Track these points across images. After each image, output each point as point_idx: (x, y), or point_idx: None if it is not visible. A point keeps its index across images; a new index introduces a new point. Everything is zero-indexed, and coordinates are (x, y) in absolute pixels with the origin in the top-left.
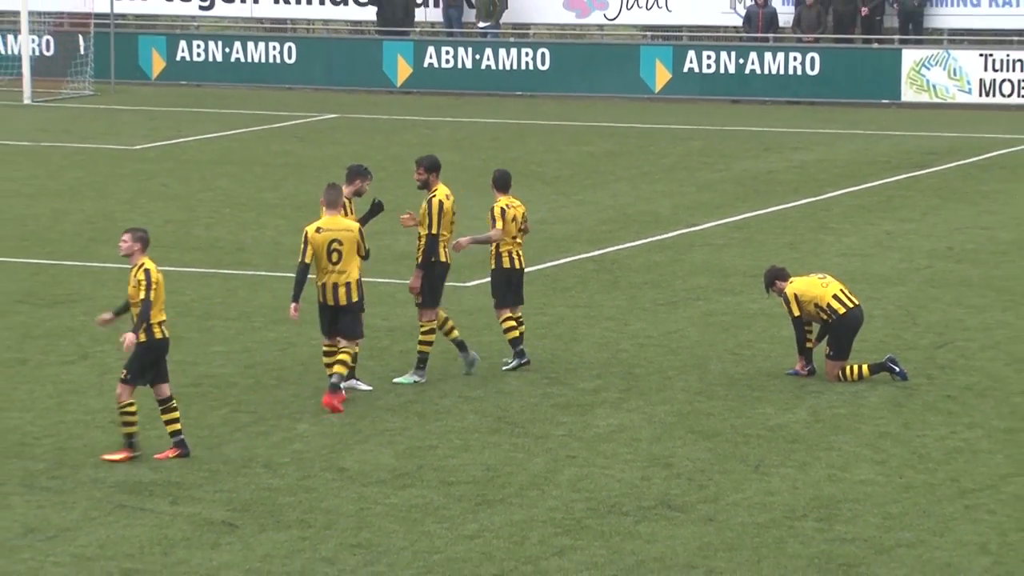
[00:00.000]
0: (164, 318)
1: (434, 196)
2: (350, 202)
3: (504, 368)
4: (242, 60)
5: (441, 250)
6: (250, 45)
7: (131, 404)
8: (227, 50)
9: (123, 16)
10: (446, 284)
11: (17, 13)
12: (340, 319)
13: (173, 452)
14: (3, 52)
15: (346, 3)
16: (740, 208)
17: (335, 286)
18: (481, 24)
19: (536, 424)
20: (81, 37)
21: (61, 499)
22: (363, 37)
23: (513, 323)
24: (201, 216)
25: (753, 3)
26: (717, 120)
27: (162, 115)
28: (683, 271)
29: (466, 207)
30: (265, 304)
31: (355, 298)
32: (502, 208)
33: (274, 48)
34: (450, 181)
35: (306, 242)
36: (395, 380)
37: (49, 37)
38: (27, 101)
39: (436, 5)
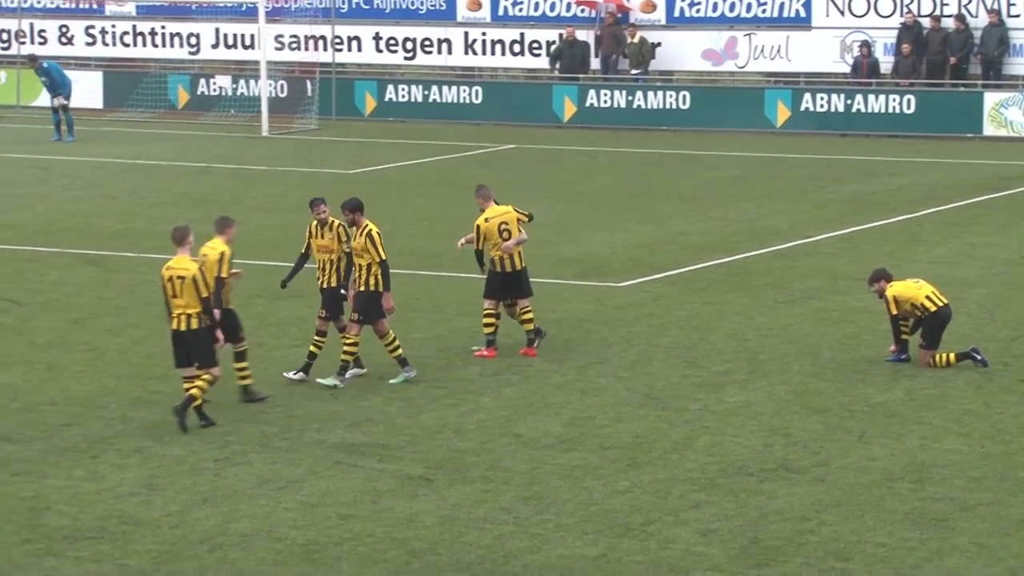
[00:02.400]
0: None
1: (368, 228)
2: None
3: (475, 352)
4: (438, 100)
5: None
6: (445, 88)
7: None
8: (426, 92)
9: (343, 64)
10: (598, 283)
11: (258, 62)
12: None
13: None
14: (246, 94)
15: (523, 54)
16: (847, 223)
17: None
18: (634, 71)
19: (677, 400)
20: (309, 82)
21: (290, 456)
22: (536, 81)
23: (492, 316)
24: (403, 228)
25: (859, 54)
26: (828, 151)
27: (373, 146)
28: (799, 275)
29: (620, 220)
30: (455, 300)
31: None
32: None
33: (464, 91)
34: (605, 199)
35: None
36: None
37: (283, 82)
38: (265, 134)
39: (597, 56)
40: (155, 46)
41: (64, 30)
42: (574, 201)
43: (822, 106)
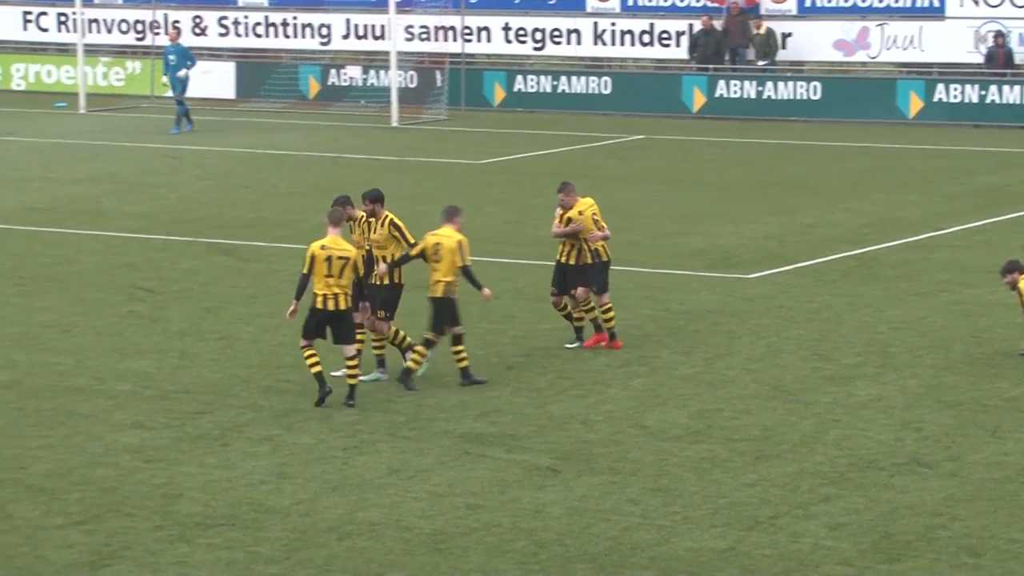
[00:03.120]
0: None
1: (388, 219)
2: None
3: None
4: (567, 91)
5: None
6: (574, 79)
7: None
8: (555, 83)
9: (472, 55)
10: (727, 274)
11: (388, 53)
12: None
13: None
14: (376, 84)
15: (652, 44)
16: (979, 215)
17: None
18: (760, 62)
19: (806, 392)
20: (438, 72)
21: (418, 446)
22: (666, 71)
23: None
24: (532, 218)
25: (993, 44)
26: (961, 142)
27: (501, 136)
28: (931, 267)
29: (749, 211)
30: None
31: None
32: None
33: (593, 81)
34: (734, 191)
35: None
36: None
37: (413, 72)
38: (394, 124)
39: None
40: (287, 37)
41: (198, 20)
42: (703, 192)
43: (955, 97)
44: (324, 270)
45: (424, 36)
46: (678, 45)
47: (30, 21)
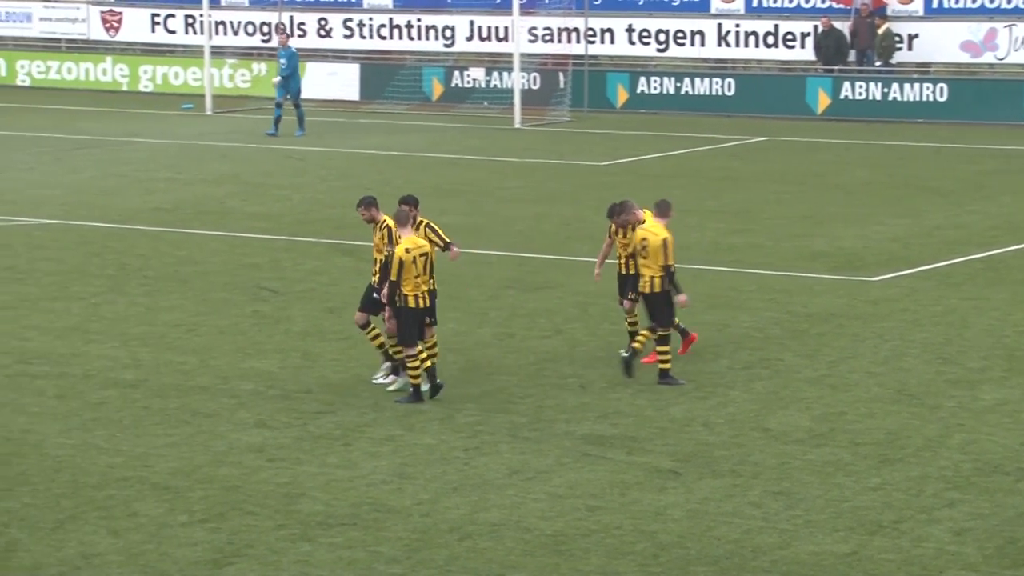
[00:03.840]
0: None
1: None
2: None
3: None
4: (690, 92)
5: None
6: (697, 80)
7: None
8: (678, 84)
9: (595, 57)
10: (851, 277)
11: (511, 55)
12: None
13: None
14: (499, 86)
15: (777, 46)
16: None
17: None
18: (878, 63)
19: (930, 396)
20: (561, 74)
21: (539, 447)
22: (790, 73)
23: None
24: None
25: None
26: None
27: (624, 138)
28: None
29: (874, 214)
30: (705, 292)
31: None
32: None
33: (716, 83)
34: (859, 192)
35: None
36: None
37: (536, 74)
38: (517, 125)
39: (852, 47)
40: (411, 39)
41: (323, 23)
42: (827, 194)
43: None
44: (413, 272)
45: (548, 38)
46: (803, 46)
47: (158, 23)
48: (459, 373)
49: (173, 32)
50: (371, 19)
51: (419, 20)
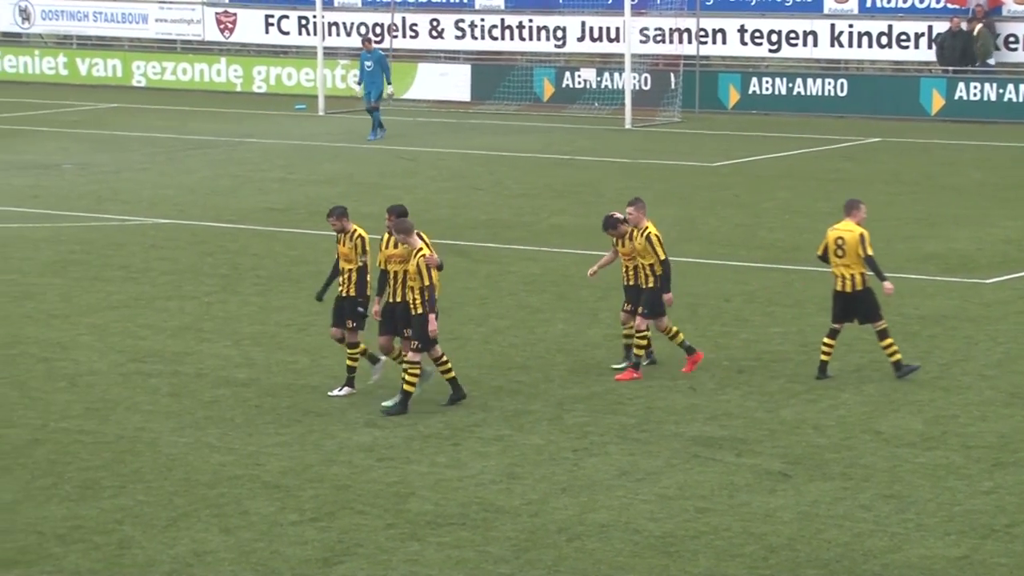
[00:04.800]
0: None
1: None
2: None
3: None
4: (803, 93)
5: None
6: (809, 81)
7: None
8: (790, 85)
9: (707, 57)
10: (964, 279)
11: (622, 55)
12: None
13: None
14: (610, 86)
15: (890, 46)
16: None
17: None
18: (976, 63)
19: None
20: (672, 75)
21: (647, 448)
22: (904, 74)
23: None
24: (765, 221)
25: None
26: None
27: (735, 139)
28: None
29: (988, 215)
30: (817, 295)
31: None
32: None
33: (829, 83)
34: (973, 194)
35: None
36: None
37: (647, 74)
38: (627, 126)
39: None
40: (522, 39)
41: (435, 23)
42: (940, 195)
43: None
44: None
45: (659, 38)
46: (916, 47)
47: (272, 24)
48: (568, 374)
49: (287, 33)
50: (483, 20)
51: (530, 21)
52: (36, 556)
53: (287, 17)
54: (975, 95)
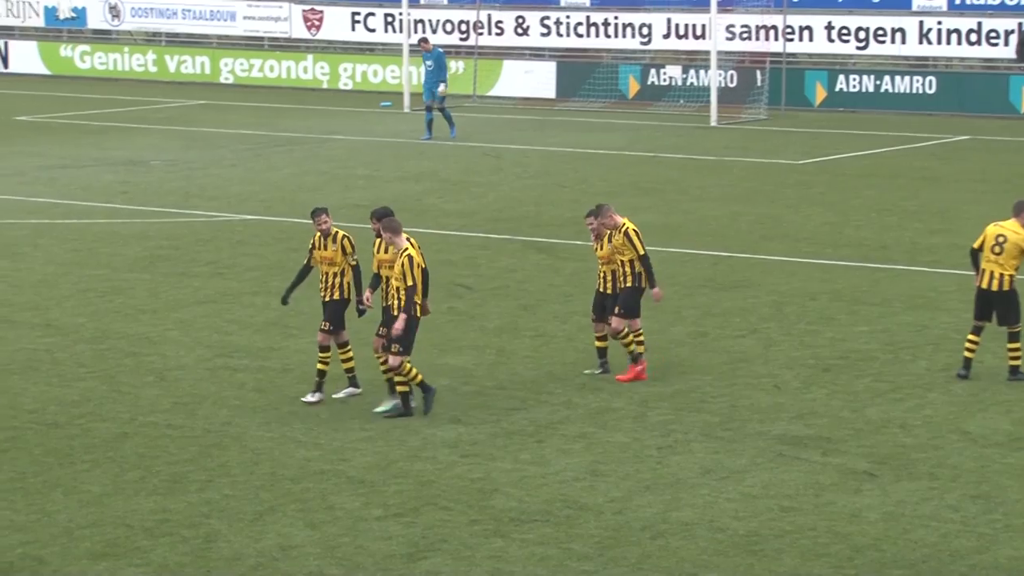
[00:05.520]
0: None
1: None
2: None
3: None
4: (890, 91)
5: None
6: (897, 78)
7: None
8: (878, 82)
9: (793, 54)
10: None
11: (708, 52)
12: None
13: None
14: (696, 84)
15: (980, 43)
16: None
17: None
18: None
19: None
20: (758, 72)
21: (732, 447)
22: (994, 71)
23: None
24: (851, 219)
25: None
26: None
27: (822, 136)
28: None
29: None
30: (904, 292)
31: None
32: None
33: (917, 81)
34: None
35: None
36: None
37: (733, 72)
38: (713, 124)
39: None
40: (607, 36)
41: (520, 21)
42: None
43: None
44: (421, 277)
45: (745, 35)
46: (1006, 44)
47: (358, 22)
48: (652, 371)
49: (373, 31)
50: (568, 17)
51: (616, 18)
52: (124, 549)
53: (373, 14)
54: None
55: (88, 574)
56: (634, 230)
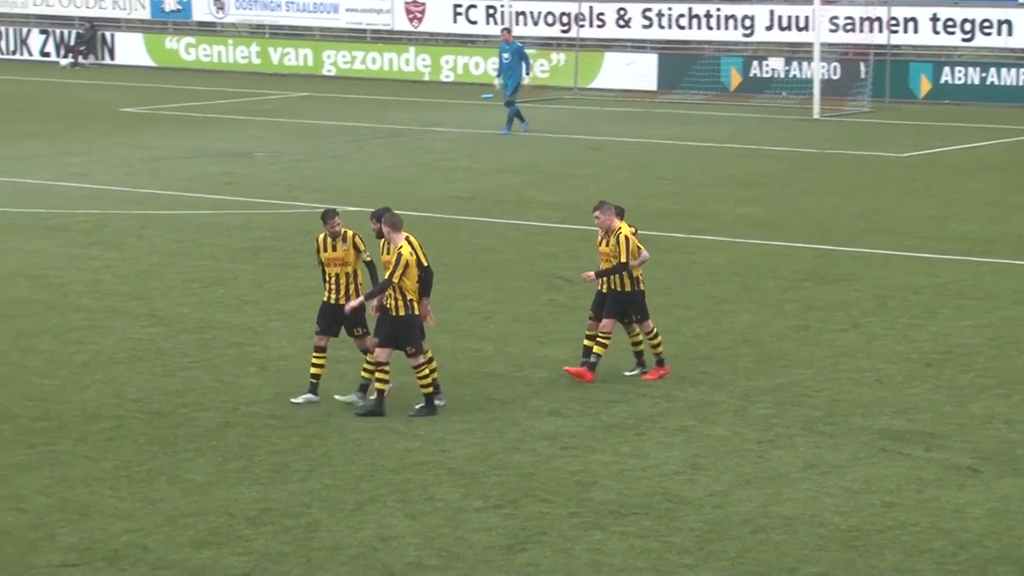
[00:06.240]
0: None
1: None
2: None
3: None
4: (996, 83)
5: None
6: (1003, 70)
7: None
8: (984, 74)
9: (898, 46)
10: None
11: (811, 44)
12: None
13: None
14: (798, 76)
15: None
16: None
17: None
18: None
19: None
20: (862, 64)
21: (833, 442)
22: None
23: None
24: (956, 212)
25: None
26: None
27: (927, 129)
28: None
29: None
30: (1009, 287)
31: None
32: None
33: None
34: None
35: None
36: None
37: (836, 64)
38: (816, 116)
39: None
40: (709, 28)
41: (622, 13)
42: None
43: None
44: (413, 277)
45: (849, 27)
46: None
47: (460, 14)
48: (753, 365)
49: (474, 23)
50: (670, 9)
51: (718, 10)
52: (227, 537)
53: (475, 6)
54: None
55: (191, 562)
56: (626, 236)
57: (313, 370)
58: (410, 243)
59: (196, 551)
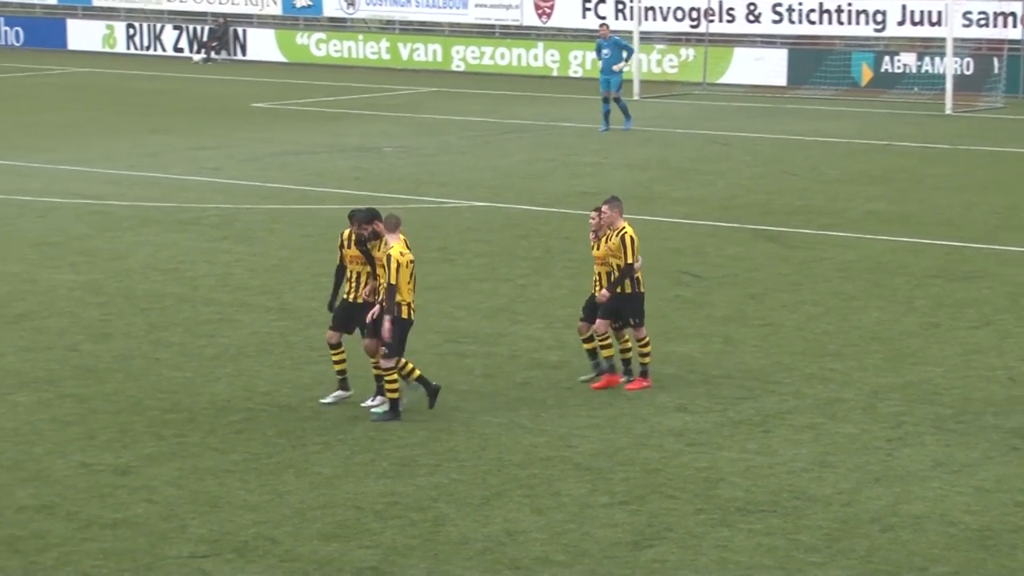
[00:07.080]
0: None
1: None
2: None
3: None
4: None
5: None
6: None
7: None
8: None
9: None
10: None
11: (944, 39)
12: None
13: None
14: (931, 71)
15: None
16: None
17: None
18: None
19: None
20: (996, 59)
21: (964, 440)
22: None
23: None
24: None
25: None
26: None
27: None
28: None
29: None
30: None
31: None
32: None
33: None
34: None
35: None
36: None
37: (969, 59)
38: (948, 111)
39: None
40: (840, 23)
41: (751, 8)
42: None
43: None
44: (407, 278)
45: (982, 22)
46: None
47: (589, 9)
48: (883, 362)
49: (603, 18)
50: (800, 4)
51: (849, 4)
52: (354, 531)
53: (604, 2)
54: None
55: (319, 555)
56: (631, 237)
57: (336, 367)
58: (406, 244)
59: (324, 544)
